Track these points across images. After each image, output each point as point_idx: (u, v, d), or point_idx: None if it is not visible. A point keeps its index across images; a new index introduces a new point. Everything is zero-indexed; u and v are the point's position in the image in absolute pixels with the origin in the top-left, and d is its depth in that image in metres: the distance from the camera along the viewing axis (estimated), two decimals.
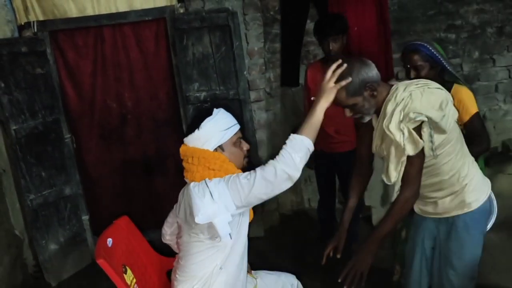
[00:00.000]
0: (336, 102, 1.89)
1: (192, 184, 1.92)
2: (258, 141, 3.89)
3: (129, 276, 2.18)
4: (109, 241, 2.17)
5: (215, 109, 2.03)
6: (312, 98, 3.24)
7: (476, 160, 2.33)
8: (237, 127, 2.05)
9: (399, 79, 4.15)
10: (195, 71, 3.56)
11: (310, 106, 3.26)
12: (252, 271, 2.34)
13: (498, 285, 2.87)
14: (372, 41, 3.91)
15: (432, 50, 2.36)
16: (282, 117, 4.12)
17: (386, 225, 1.92)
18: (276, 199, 4.10)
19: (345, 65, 1.85)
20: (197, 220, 1.82)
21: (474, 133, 2.36)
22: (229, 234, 1.85)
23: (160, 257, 2.47)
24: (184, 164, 2.03)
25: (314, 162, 3.47)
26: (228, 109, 2.04)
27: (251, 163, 2.13)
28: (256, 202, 1.87)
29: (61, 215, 3.57)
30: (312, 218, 4.09)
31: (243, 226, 2.01)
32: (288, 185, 1.81)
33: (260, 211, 3.92)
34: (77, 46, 3.59)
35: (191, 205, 1.86)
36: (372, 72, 1.88)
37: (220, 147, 1.99)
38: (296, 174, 1.79)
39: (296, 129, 1.87)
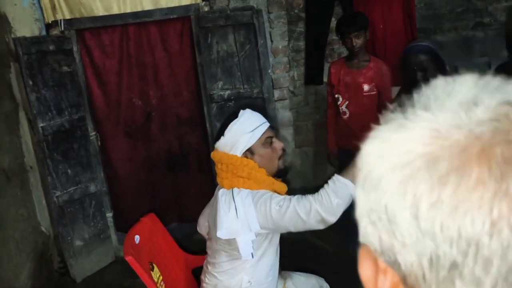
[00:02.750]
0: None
1: (221, 191, 1.88)
2: (281, 140, 3.86)
3: (156, 273, 2.18)
4: (137, 238, 2.17)
5: (241, 111, 1.94)
6: (336, 96, 3.26)
7: None
8: (265, 126, 1.94)
9: None
10: (219, 69, 3.56)
11: (334, 103, 3.29)
12: (282, 271, 2.31)
13: None
14: (398, 39, 3.86)
15: (438, 51, 2.26)
16: (306, 115, 4.09)
17: None
18: None
19: None
20: (218, 234, 1.78)
21: None
22: (252, 253, 1.80)
23: (186, 255, 2.47)
24: (216, 169, 1.98)
25: (337, 160, 3.45)
26: (252, 107, 2.01)
27: (287, 164, 2.05)
28: (283, 231, 1.79)
29: (86, 212, 3.60)
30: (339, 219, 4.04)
31: (274, 237, 1.94)
32: (320, 227, 1.71)
33: None
34: (103, 45, 3.62)
35: (215, 216, 1.83)
36: None
37: (249, 151, 1.89)
38: (331, 219, 1.69)
39: (340, 168, 1.80)
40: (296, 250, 3.69)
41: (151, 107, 3.81)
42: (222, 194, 1.86)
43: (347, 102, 3.24)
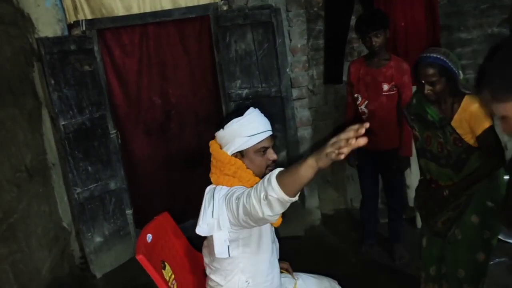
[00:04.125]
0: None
1: (208, 187, 1.89)
2: (300, 139, 3.85)
3: (167, 272, 2.20)
4: (149, 236, 2.19)
5: (248, 110, 1.89)
6: (355, 95, 3.22)
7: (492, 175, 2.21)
8: (266, 134, 1.86)
9: None
10: (238, 68, 3.56)
11: (353, 102, 3.25)
12: (294, 273, 2.30)
13: None
14: (419, 37, 3.78)
15: (449, 63, 2.15)
16: (325, 114, 4.05)
17: None
18: (317, 197, 4.05)
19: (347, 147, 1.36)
20: (197, 230, 1.78)
21: (486, 147, 2.16)
22: (228, 251, 1.77)
23: (198, 254, 2.48)
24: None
25: (356, 160, 3.41)
26: (270, 106, 1.94)
27: None
28: (248, 226, 1.70)
29: (106, 209, 3.67)
30: (355, 219, 4.01)
31: (263, 235, 1.91)
32: (267, 210, 1.52)
33: (301, 208, 3.88)
34: (123, 44, 3.67)
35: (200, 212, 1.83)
36: None
37: (241, 153, 1.86)
38: (271, 214, 1.54)
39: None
40: (311, 250, 3.69)
41: (170, 106, 3.85)
42: (208, 191, 1.86)
43: (366, 102, 3.20)
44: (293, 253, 3.58)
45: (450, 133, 2.20)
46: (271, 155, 1.88)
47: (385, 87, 3.12)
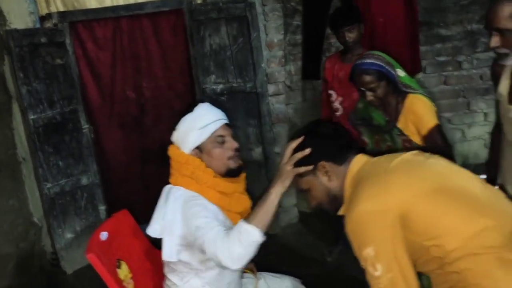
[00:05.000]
0: (492, 17, 1.62)
1: (166, 187, 1.87)
2: (276, 135, 3.80)
3: (123, 271, 2.15)
4: (104, 234, 2.14)
5: (198, 104, 1.87)
6: (329, 91, 3.17)
7: None
8: (219, 123, 1.83)
9: (426, 73, 3.97)
10: (212, 63, 3.51)
11: (327, 100, 3.20)
12: (258, 272, 2.27)
13: None
14: (398, 33, 3.72)
15: (385, 66, 2.09)
16: (303, 111, 4.00)
17: None
18: (295, 195, 4.01)
19: (306, 151, 1.52)
20: (147, 231, 1.77)
21: (434, 148, 2.06)
22: (176, 255, 1.76)
23: (159, 253, 2.43)
24: None
25: None
26: (245, 102, 1.93)
27: (242, 163, 1.90)
28: (199, 248, 1.69)
29: (78, 205, 3.62)
30: (333, 218, 3.96)
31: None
32: (218, 264, 1.63)
33: (278, 207, 3.84)
34: (96, 37, 3.62)
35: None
36: None
37: (199, 148, 1.81)
38: (228, 264, 1.59)
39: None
40: (287, 249, 3.65)
41: (145, 100, 3.80)
42: (164, 191, 1.84)
43: (340, 99, 3.15)
44: (269, 251, 3.53)
45: (398, 135, 2.15)
46: (231, 143, 1.82)
47: None
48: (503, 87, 1.79)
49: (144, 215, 2.47)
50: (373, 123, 2.22)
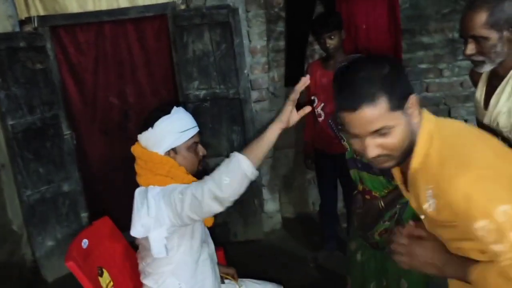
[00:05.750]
0: (466, 25, 1.62)
1: (137, 190, 1.84)
2: None
3: (105, 279, 2.12)
4: (85, 242, 2.12)
5: (174, 108, 1.88)
6: (312, 97, 3.18)
7: None
8: (195, 130, 1.90)
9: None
10: (195, 69, 3.49)
11: (310, 105, 3.20)
12: (239, 279, 2.26)
13: None
14: (381, 40, 3.77)
15: None
16: None
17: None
18: (278, 201, 4.01)
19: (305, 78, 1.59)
20: (132, 233, 1.76)
21: None
22: (165, 250, 1.76)
23: None
24: (135, 165, 1.93)
25: (313, 163, 3.38)
26: (228, 108, 1.95)
27: (204, 168, 1.99)
28: (189, 221, 1.72)
29: (59, 212, 3.56)
30: (316, 223, 3.97)
31: (195, 234, 1.90)
32: (216, 206, 1.63)
33: (261, 212, 3.83)
34: (78, 42, 3.58)
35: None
36: None
37: (173, 150, 1.85)
38: (225, 194, 1.60)
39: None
40: (271, 255, 3.64)
41: (128, 106, 3.76)
42: (138, 193, 1.82)
43: (322, 104, 3.17)
44: (252, 257, 3.55)
45: None
46: (202, 150, 1.94)
47: None
48: (480, 93, 1.82)
49: (128, 221, 2.45)
50: None
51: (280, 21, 3.79)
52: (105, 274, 2.14)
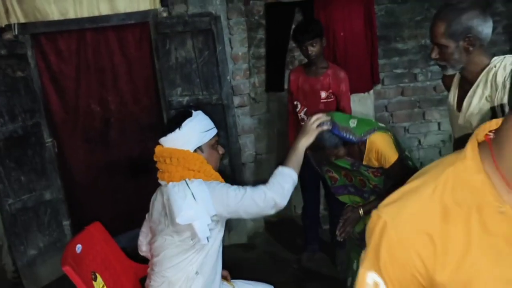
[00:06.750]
0: (432, 33, 1.80)
1: (170, 184, 1.93)
2: (242, 146, 3.85)
3: (98, 284, 2.13)
4: (78, 247, 2.13)
5: (194, 112, 2.02)
6: (295, 103, 3.26)
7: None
8: (215, 130, 2.06)
9: (385, 85, 4.15)
10: (178, 75, 3.53)
11: (293, 110, 3.29)
12: (232, 280, 2.31)
13: None
14: (358, 46, 3.90)
15: (339, 132, 2.10)
16: (267, 122, 4.08)
17: None
18: None
19: (327, 117, 2.03)
20: (178, 220, 1.83)
21: (394, 175, 2.19)
22: (207, 237, 1.88)
23: (133, 264, 2.43)
24: (159, 165, 2.02)
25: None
26: (211, 114, 2.04)
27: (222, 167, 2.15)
28: (236, 217, 1.95)
29: (41, 220, 3.52)
30: (299, 225, 4.04)
31: (221, 231, 2.03)
32: (272, 211, 1.90)
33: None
34: (60, 50, 3.56)
35: (170, 205, 1.88)
36: (485, 29, 1.72)
37: (200, 148, 2.00)
38: (283, 202, 1.88)
39: (282, 162, 1.98)
40: (255, 258, 3.69)
41: (110, 113, 3.76)
42: (173, 186, 1.91)
43: (305, 109, 3.25)
44: (237, 260, 3.59)
45: (366, 170, 2.24)
46: (221, 149, 2.11)
47: (323, 94, 3.18)
48: (452, 96, 1.95)
49: (112, 228, 2.46)
50: (338, 164, 2.30)
51: (261, 29, 3.88)
52: (99, 278, 2.16)
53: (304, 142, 1.98)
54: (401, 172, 2.17)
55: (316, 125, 2.00)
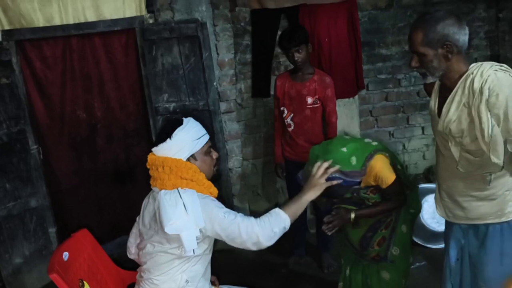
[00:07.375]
0: (410, 42, 1.82)
1: (163, 191, 1.91)
2: (228, 152, 3.87)
3: None
4: (65, 255, 2.12)
5: (184, 119, 2.01)
6: (281, 108, 3.29)
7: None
8: (207, 137, 2.05)
9: (369, 90, 4.21)
10: (165, 82, 3.54)
11: (279, 116, 3.32)
12: (220, 285, 2.32)
13: None
14: (343, 52, 3.95)
15: (342, 177, 2.12)
16: (254, 128, 4.10)
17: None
18: (248, 210, 4.08)
19: (336, 167, 2.06)
20: (166, 229, 1.82)
21: (390, 195, 2.26)
22: (193, 249, 1.86)
23: (120, 271, 2.42)
24: (152, 172, 2.01)
25: (284, 172, 3.47)
26: (197, 120, 2.05)
27: (219, 171, 2.15)
28: (217, 238, 1.91)
29: (27, 228, 3.49)
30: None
31: (211, 243, 2.02)
32: (253, 248, 1.87)
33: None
34: (45, 56, 3.54)
35: (160, 213, 1.87)
36: (461, 36, 1.76)
37: (193, 156, 1.98)
38: (267, 243, 1.86)
39: (281, 205, 1.97)
40: (243, 263, 3.69)
41: (96, 120, 3.75)
42: (165, 193, 1.89)
43: (292, 115, 3.28)
44: (225, 265, 3.58)
45: (365, 192, 2.28)
46: (215, 153, 2.10)
47: (309, 100, 3.21)
48: (433, 103, 2.00)
49: (98, 236, 2.46)
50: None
51: (247, 35, 3.90)
52: (86, 286, 2.15)
53: (310, 196, 1.97)
54: (397, 192, 2.26)
55: (324, 179, 1.99)
